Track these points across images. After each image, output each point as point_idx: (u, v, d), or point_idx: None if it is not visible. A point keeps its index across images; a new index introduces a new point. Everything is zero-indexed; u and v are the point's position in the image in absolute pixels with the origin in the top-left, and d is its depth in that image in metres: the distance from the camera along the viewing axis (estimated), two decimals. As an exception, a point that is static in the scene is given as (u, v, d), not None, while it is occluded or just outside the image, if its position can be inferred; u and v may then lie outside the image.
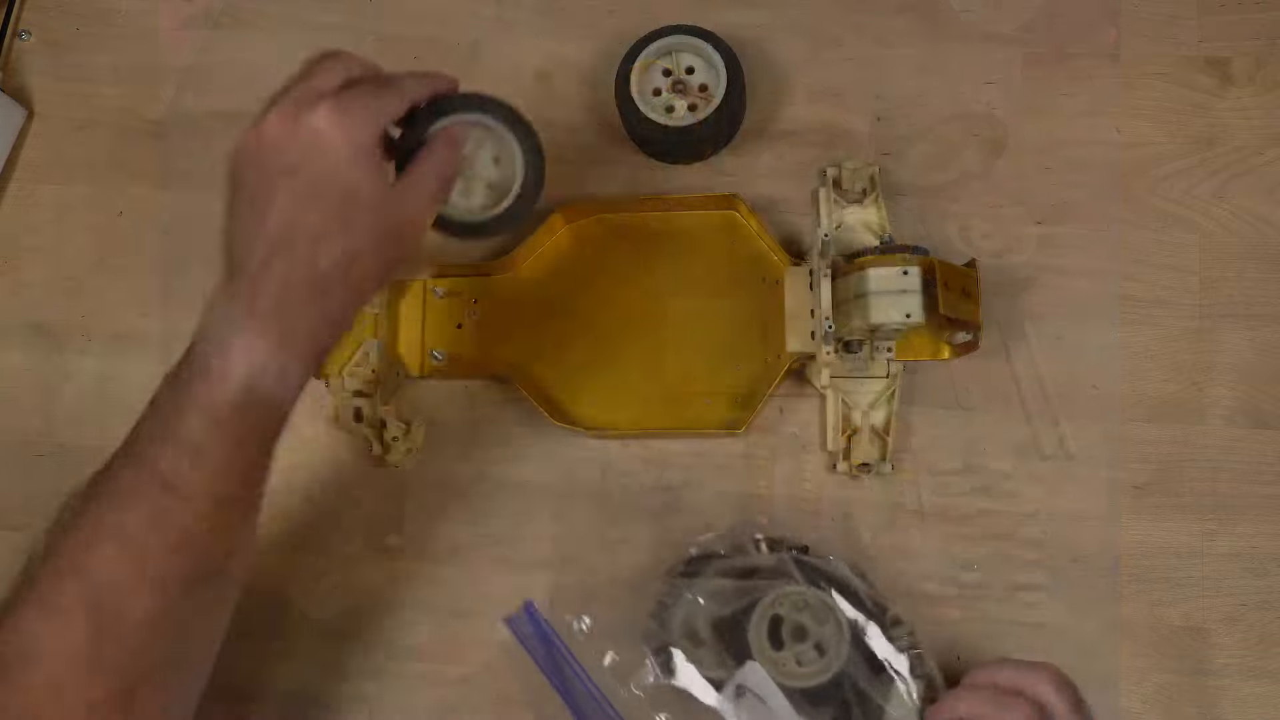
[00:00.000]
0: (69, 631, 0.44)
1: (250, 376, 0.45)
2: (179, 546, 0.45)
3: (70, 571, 0.44)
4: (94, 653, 0.44)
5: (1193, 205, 0.62)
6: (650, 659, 0.54)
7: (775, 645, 0.54)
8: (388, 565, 0.62)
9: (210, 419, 0.45)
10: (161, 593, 0.45)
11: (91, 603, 0.44)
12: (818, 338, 0.58)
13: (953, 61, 0.65)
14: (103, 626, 0.44)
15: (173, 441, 0.45)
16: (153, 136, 0.69)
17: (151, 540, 0.45)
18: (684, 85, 0.63)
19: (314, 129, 0.44)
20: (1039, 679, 0.49)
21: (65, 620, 0.44)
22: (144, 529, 0.45)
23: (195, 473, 0.45)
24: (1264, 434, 0.59)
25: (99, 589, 0.44)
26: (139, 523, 0.45)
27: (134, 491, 0.45)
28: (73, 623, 0.44)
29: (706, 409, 0.61)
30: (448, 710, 0.60)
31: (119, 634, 0.44)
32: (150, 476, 0.45)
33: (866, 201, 0.62)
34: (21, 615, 0.44)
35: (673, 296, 0.63)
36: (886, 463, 0.59)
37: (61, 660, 0.44)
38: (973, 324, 0.57)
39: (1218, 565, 0.58)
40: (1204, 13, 0.65)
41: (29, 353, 0.67)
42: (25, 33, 0.71)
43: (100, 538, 0.45)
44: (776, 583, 0.54)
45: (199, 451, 0.45)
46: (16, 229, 0.69)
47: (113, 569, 0.44)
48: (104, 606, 0.44)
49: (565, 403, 0.62)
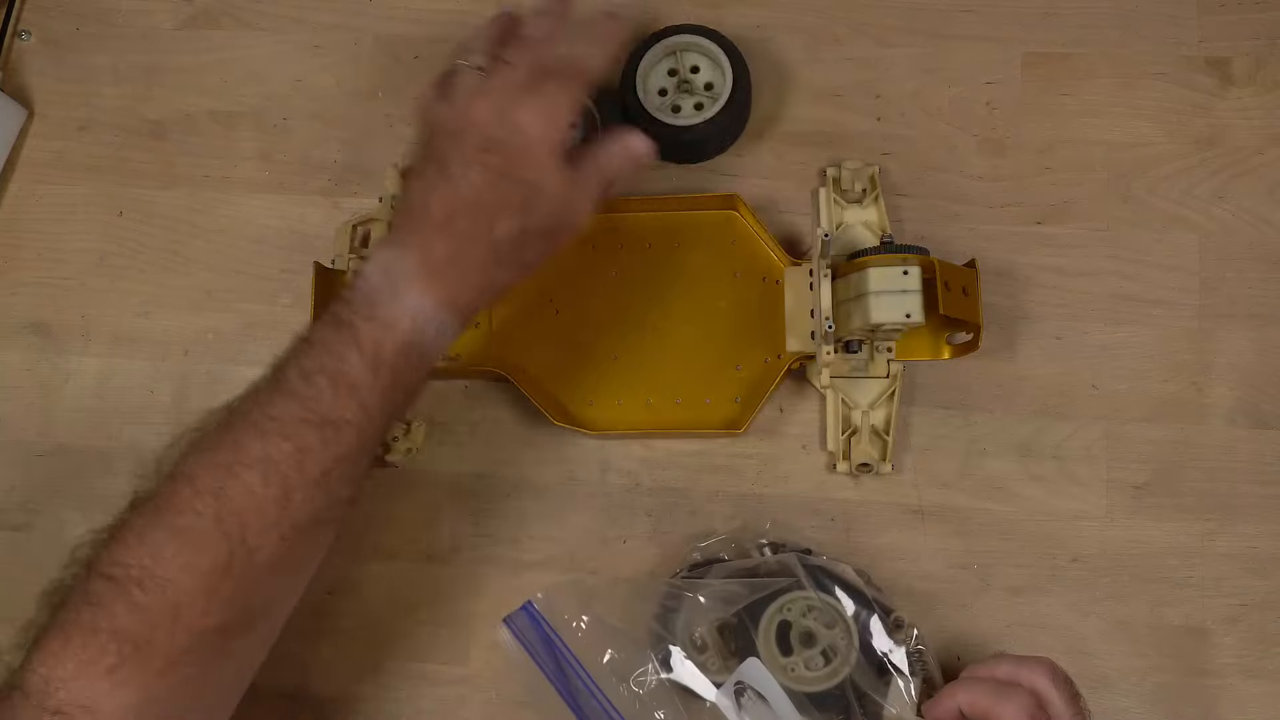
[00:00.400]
0: (201, 558, 0.44)
1: (415, 327, 0.47)
2: (319, 483, 0.46)
3: (209, 493, 0.44)
4: (218, 583, 0.44)
5: (1193, 205, 0.62)
6: (651, 658, 0.54)
7: (784, 651, 0.54)
8: (388, 565, 0.62)
9: (372, 361, 0.46)
10: (293, 529, 0.45)
11: (228, 532, 0.44)
12: (818, 338, 0.58)
13: (953, 61, 0.65)
14: (233, 557, 0.44)
15: (330, 377, 0.46)
16: (153, 136, 0.69)
17: (295, 475, 0.45)
18: (690, 84, 0.63)
19: (516, 122, 0.48)
20: (1036, 672, 0.49)
21: (199, 547, 0.44)
22: (291, 462, 0.45)
23: (349, 411, 0.46)
24: (1264, 434, 0.60)
25: (238, 517, 0.44)
26: (286, 455, 0.45)
27: (285, 422, 0.46)
28: (206, 550, 0.44)
29: (706, 409, 0.62)
30: (448, 710, 0.60)
31: (246, 566, 0.45)
32: (302, 409, 0.46)
33: (866, 201, 0.62)
34: (152, 535, 0.44)
35: (673, 296, 0.63)
36: (886, 463, 0.59)
37: (187, 587, 0.44)
38: (973, 324, 0.57)
39: (1218, 565, 0.58)
40: (1204, 13, 0.65)
41: (29, 353, 0.67)
42: (25, 33, 0.71)
43: (244, 465, 0.45)
44: (780, 583, 0.54)
45: (355, 390, 0.46)
46: (16, 229, 0.69)
47: (255, 499, 0.45)
48: (238, 536, 0.44)
49: (565, 402, 0.62)
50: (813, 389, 0.62)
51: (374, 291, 0.47)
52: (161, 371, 0.65)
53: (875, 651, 0.54)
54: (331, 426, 0.46)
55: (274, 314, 0.66)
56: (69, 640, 0.43)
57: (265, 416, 0.46)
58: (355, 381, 0.46)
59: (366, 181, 0.67)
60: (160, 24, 0.71)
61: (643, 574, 0.60)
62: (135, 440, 0.65)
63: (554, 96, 0.49)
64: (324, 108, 0.68)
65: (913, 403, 0.61)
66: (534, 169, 0.48)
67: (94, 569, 0.44)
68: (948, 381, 0.61)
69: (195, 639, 0.44)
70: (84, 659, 0.42)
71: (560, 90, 0.49)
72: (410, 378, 0.48)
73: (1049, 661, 0.50)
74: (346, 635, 0.61)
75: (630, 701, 0.54)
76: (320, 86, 0.68)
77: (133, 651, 0.43)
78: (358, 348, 0.46)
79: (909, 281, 0.55)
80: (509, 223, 0.48)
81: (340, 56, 0.68)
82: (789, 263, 0.62)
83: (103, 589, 0.43)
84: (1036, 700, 0.48)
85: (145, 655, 0.43)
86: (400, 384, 0.47)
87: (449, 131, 0.49)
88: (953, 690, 0.50)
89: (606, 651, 0.55)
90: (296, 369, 0.46)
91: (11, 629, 0.64)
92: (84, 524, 0.63)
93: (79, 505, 0.64)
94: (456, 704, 0.60)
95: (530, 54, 0.50)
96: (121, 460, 0.64)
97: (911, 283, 0.55)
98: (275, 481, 0.45)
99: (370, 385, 0.46)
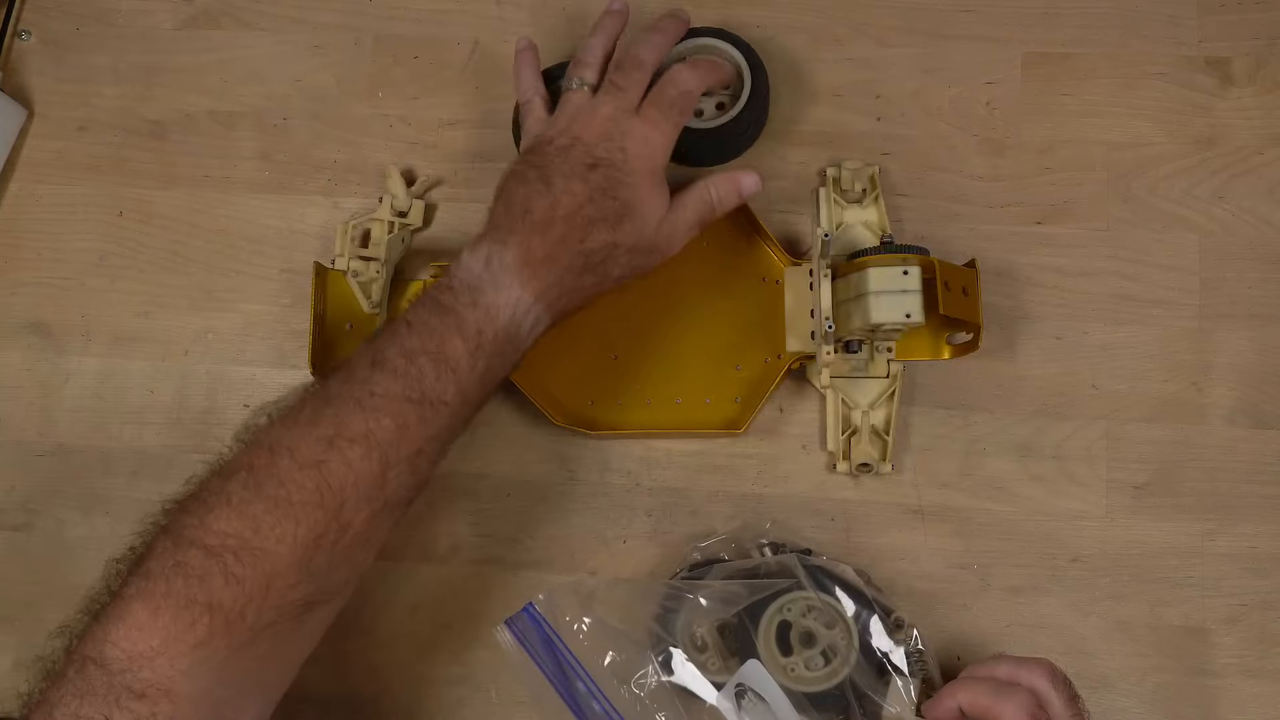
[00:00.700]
0: (299, 530, 0.45)
1: (514, 317, 0.50)
2: (412, 462, 0.48)
3: (312, 466, 0.46)
4: (311, 556, 0.45)
5: (1193, 205, 0.62)
6: (651, 659, 0.54)
7: (784, 651, 0.54)
8: (388, 565, 0.62)
9: (473, 345, 0.49)
10: (384, 506, 0.47)
11: (327, 505, 0.45)
12: (818, 338, 0.58)
13: (953, 61, 0.65)
14: (328, 529, 0.45)
15: (432, 358, 0.48)
16: (153, 136, 0.69)
17: (393, 451, 0.47)
18: (710, 87, 0.63)
19: (623, 147, 0.52)
20: (1035, 672, 0.49)
21: (299, 519, 0.45)
22: (390, 439, 0.47)
23: (449, 393, 0.48)
24: (1264, 434, 0.60)
25: (338, 490, 0.46)
26: (387, 431, 0.47)
27: (388, 399, 0.47)
28: (304, 522, 0.45)
29: (706, 409, 0.62)
30: (448, 710, 0.60)
31: (339, 540, 0.46)
32: (405, 388, 0.47)
33: (866, 201, 0.62)
34: (252, 507, 0.45)
35: (673, 296, 0.63)
36: (886, 463, 0.59)
37: (283, 558, 0.45)
38: (973, 324, 0.57)
39: (1218, 565, 0.58)
40: (1204, 13, 0.65)
41: (29, 353, 0.67)
42: (25, 33, 0.71)
43: (346, 439, 0.46)
44: (781, 583, 0.54)
45: (456, 373, 0.48)
46: (16, 229, 0.69)
47: (355, 473, 0.46)
48: (335, 509, 0.46)
49: (566, 402, 0.62)
50: (813, 389, 0.62)
51: (476, 280, 0.50)
52: (161, 371, 0.65)
53: (875, 652, 0.54)
54: (430, 406, 0.47)
55: (274, 314, 0.66)
56: (158, 612, 0.42)
57: (368, 393, 0.47)
58: (456, 364, 0.48)
59: (366, 182, 0.67)
60: (160, 24, 0.71)
61: (643, 574, 0.60)
62: (135, 440, 0.65)
63: (659, 124, 0.54)
64: (324, 108, 0.68)
65: (913, 403, 0.61)
66: (632, 190, 0.52)
67: (185, 538, 0.44)
68: (948, 381, 0.61)
69: (279, 612, 0.45)
70: (174, 632, 0.42)
71: (664, 119, 0.54)
72: (501, 365, 0.50)
73: (1048, 662, 0.50)
74: (346, 635, 0.61)
75: (631, 704, 0.54)
76: (320, 86, 0.68)
77: (223, 625, 0.43)
78: (460, 332, 0.49)
79: (909, 281, 0.55)
80: (601, 235, 0.51)
81: (340, 56, 0.68)
82: (789, 263, 0.62)
83: (198, 560, 0.43)
84: (1036, 700, 0.48)
85: (234, 629, 0.43)
86: (493, 370, 0.50)
87: (558, 147, 0.53)
88: (953, 690, 0.50)
89: (608, 654, 0.55)
90: (399, 349, 0.48)
91: (11, 629, 0.64)
92: (84, 524, 0.64)
93: (79, 505, 0.64)
94: (456, 704, 0.60)
95: (639, 77, 0.54)
96: (121, 460, 0.64)
97: (911, 283, 0.55)
98: (375, 457, 0.46)
99: (469, 369, 0.48)
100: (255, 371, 0.66)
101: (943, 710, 0.50)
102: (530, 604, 0.57)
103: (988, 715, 0.48)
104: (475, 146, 0.67)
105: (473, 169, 0.67)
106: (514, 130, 0.63)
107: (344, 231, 0.63)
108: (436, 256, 0.65)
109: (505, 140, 0.65)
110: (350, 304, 0.62)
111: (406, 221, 0.65)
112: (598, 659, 0.55)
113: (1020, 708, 0.47)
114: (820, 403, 0.61)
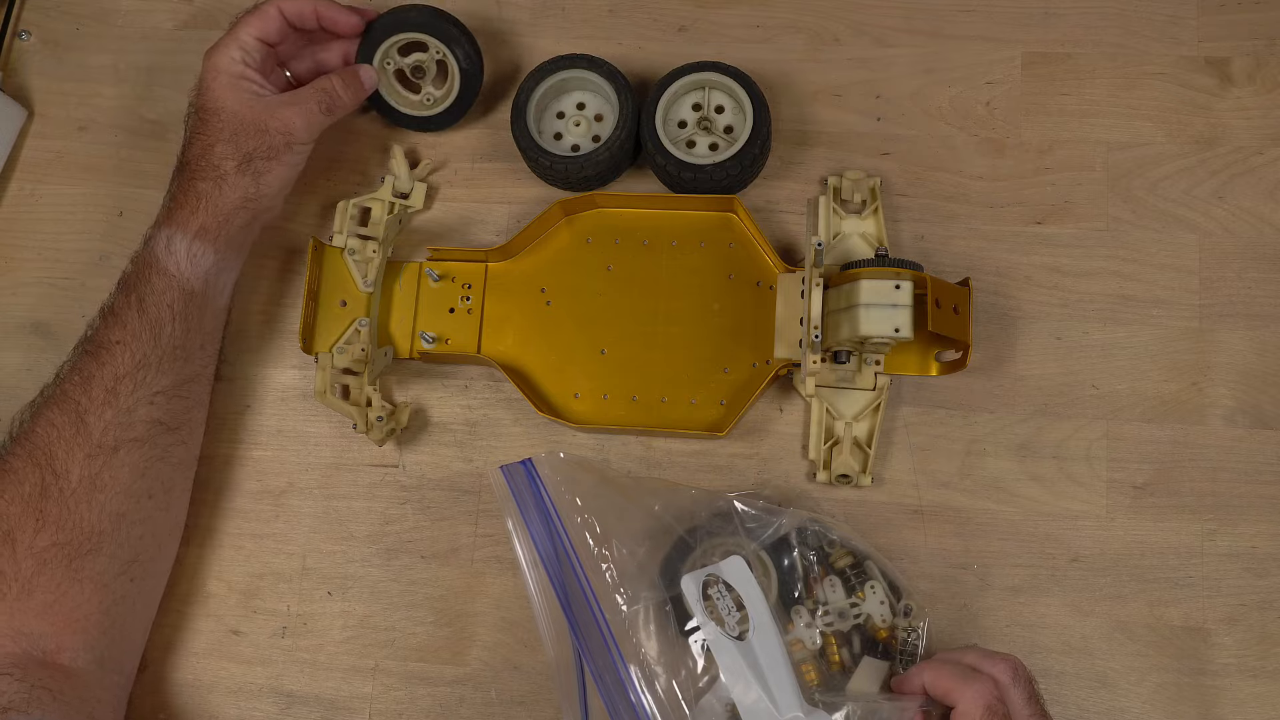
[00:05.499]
0: (18, 485, 0.54)
1: (153, 248, 0.58)
2: (108, 401, 0.55)
3: (21, 436, 0.55)
4: (40, 506, 0.53)
5: (1193, 205, 0.62)
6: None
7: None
8: (388, 565, 0.62)
9: (121, 286, 0.58)
10: (97, 448, 0.54)
11: (36, 459, 0.54)
12: (804, 346, 0.57)
13: (953, 61, 0.65)
14: (45, 481, 0.54)
15: (101, 314, 0.57)
16: (153, 136, 0.69)
17: (84, 398, 0.55)
18: (711, 124, 0.63)
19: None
20: (1000, 666, 0.50)
21: (16, 477, 0.54)
22: (79, 390, 0.55)
23: (115, 334, 0.56)
24: (1264, 434, 0.60)
25: (45, 447, 0.54)
26: (75, 385, 0.55)
27: (71, 362, 0.56)
28: (21, 478, 0.54)
29: (692, 409, 0.61)
30: (448, 710, 0.60)
31: (60, 488, 0.54)
32: (83, 344, 0.57)
33: (865, 213, 0.62)
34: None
35: (666, 295, 0.63)
36: (867, 475, 0.59)
37: (14, 513, 0.53)
38: (961, 343, 0.57)
39: (1218, 565, 0.58)
40: (1204, 13, 0.65)
41: (29, 353, 0.67)
42: (25, 33, 0.71)
43: (47, 404, 0.55)
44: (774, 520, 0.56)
45: (116, 314, 0.56)
46: (16, 229, 0.69)
47: (55, 428, 0.54)
48: (47, 464, 0.54)
49: (550, 393, 0.62)
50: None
51: (143, 242, 0.59)
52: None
53: (871, 622, 0.55)
54: (105, 349, 0.55)
55: (273, 312, 0.66)
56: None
57: (61, 369, 0.56)
58: (113, 307, 0.57)
59: (365, 179, 0.67)
60: (160, 24, 0.71)
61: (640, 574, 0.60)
62: (135, 440, 0.64)
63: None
64: (324, 108, 0.68)
65: (913, 402, 0.61)
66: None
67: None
68: (948, 381, 0.61)
69: (38, 562, 0.53)
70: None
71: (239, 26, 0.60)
72: (166, 296, 0.57)
73: (1014, 659, 0.51)
74: (346, 635, 0.61)
75: (609, 590, 0.55)
76: (320, 86, 0.68)
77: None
78: (119, 286, 0.57)
79: (900, 296, 0.55)
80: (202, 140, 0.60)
81: (340, 56, 0.68)
82: (784, 269, 0.61)
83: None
84: (996, 692, 0.49)
85: (4, 587, 0.52)
86: (151, 301, 0.56)
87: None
88: (920, 669, 0.52)
89: (595, 522, 0.56)
90: (97, 327, 0.57)
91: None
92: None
93: (79, 505, 0.64)
94: (456, 704, 0.60)
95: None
96: (121, 460, 0.64)
97: (903, 297, 0.54)
98: (69, 409, 0.54)
99: (124, 306, 0.56)
100: (255, 371, 0.66)
101: (909, 686, 0.52)
102: (529, 460, 0.57)
103: (948, 697, 0.50)
104: (475, 146, 0.67)
105: (473, 169, 0.67)
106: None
107: (344, 209, 0.63)
108: (432, 240, 0.65)
109: (505, 140, 0.65)
110: (345, 282, 0.62)
111: (407, 203, 0.65)
112: (582, 529, 0.56)
113: (979, 694, 0.48)
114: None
